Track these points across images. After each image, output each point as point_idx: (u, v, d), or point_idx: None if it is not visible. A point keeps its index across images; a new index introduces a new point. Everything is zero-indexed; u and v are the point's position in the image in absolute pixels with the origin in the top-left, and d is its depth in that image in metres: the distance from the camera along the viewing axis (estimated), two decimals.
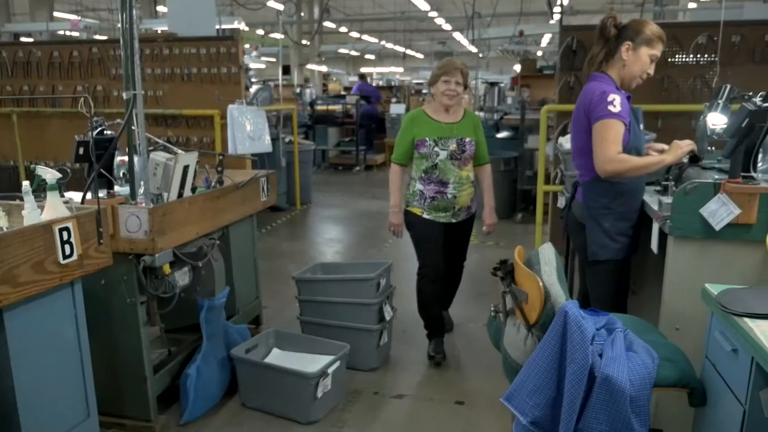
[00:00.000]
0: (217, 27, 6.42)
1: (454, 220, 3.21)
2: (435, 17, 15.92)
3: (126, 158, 2.51)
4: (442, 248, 3.23)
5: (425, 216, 3.19)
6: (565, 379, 1.74)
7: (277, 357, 2.95)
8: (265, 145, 4.05)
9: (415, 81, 20.87)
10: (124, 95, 2.31)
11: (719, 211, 2.11)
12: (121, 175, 2.77)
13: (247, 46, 11.02)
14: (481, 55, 12.99)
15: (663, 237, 2.30)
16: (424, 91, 17.21)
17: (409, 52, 22.97)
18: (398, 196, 3.23)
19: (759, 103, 2.10)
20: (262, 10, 11.32)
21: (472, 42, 10.61)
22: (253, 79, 9.18)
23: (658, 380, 1.79)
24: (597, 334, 1.84)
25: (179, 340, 2.92)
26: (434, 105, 3.22)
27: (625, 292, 2.61)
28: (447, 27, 18.72)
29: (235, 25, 8.58)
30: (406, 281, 3.08)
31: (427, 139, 3.12)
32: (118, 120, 2.48)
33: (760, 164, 2.39)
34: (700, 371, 1.92)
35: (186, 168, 2.53)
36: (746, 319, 1.61)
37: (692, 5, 10.35)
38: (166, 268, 2.48)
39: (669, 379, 1.82)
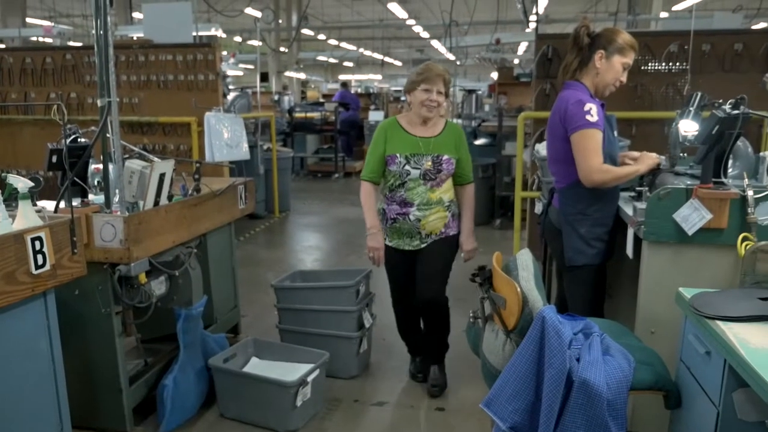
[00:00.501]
0: (194, 34, 6.37)
1: (423, 246, 2.83)
2: (413, 25, 16.03)
3: (100, 166, 2.47)
4: (409, 280, 2.89)
5: (387, 242, 2.85)
6: (544, 383, 1.75)
7: (255, 366, 2.92)
8: (242, 152, 4.04)
9: (393, 88, 20.96)
10: (99, 102, 2.28)
11: (691, 216, 2.15)
12: (96, 183, 2.72)
13: (224, 53, 10.97)
14: (458, 63, 13.10)
15: (638, 242, 2.34)
16: (403, 98, 17.33)
17: (387, 59, 23.07)
18: (374, 215, 2.81)
19: (728, 110, 2.16)
20: (240, 17, 11.27)
21: (450, 50, 10.71)
22: (230, 87, 9.12)
23: (634, 383, 1.82)
24: (574, 339, 1.86)
25: (156, 350, 2.87)
26: (410, 115, 2.83)
27: (601, 297, 2.64)
28: (425, 35, 18.86)
29: (213, 32, 8.53)
30: (385, 288, 3.07)
31: (397, 155, 2.74)
32: (93, 127, 2.45)
33: (730, 170, 2.45)
34: (675, 374, 1.95)
35: (162, 176, 2.51)
36: (719, 322, 1.65)
37: (664, 15, 10.57)
38: (142, 278, 2.45)
39: (645, 382, 1.85)
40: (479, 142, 7.50)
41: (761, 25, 11.57)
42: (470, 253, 2.88)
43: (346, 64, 25.13)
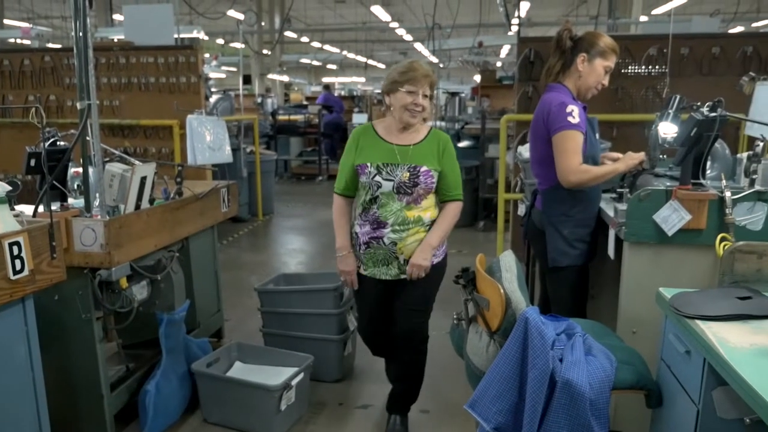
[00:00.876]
0: (176, 36, 6.32)
1: (404, 277, 2.42)
2: (396, 28, 16.05)
3: (80, 170, 2.44)
4: (383, 315, 2.54)
5: (362, 271, 2.49)
6: (527, 384, 1.76)
7: (239, 370, 2.90)
8: (225, 155, 4.01)
9: (377, 91, 20.97)
10: (78, 105, 2.25)
11: (671, 217, 2.18)
12: (76, 187, 2.69)
13: (206, 55, 10.89)
14: (441, 66, 13.15)
15: (619, 243, 2.36)
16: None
17: (370, 62, 23.06)
18: (345, 234, 2.50)
19: (706, 113, 2.19)
20: (222, 20, 11.21)
21: (433, 52, 10.74)
22: (213, 89, 9.06)
23: (616, 383, 1.84)
24: (557, 339, 1.88)
25: (138, 355, 2.84)
26: (388, 121, 2.45)
27: (584, 298, 2.67)
28: (408, 38, 18.90)
29: (195, 34, 8.47)
30: None
31: (368, 164, 2.37)
32: (72, 131, 2.41)
33: (708, 171, 2.49)
34: (656, 373, 1.97)
35: (143, 179, 2.48)
36: (698, 321, 1.67)
37: (643, 18, 10.72)
38: (123, 282, 2.42)
39: (627, 381, 1.87)
40: (463, 144, 7.54)
41: (738, 29, 11.79)
42: (413, 267, 2.37)
43: (330, 66, 25.09)
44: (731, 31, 9.95)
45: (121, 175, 2.42)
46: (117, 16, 10.69)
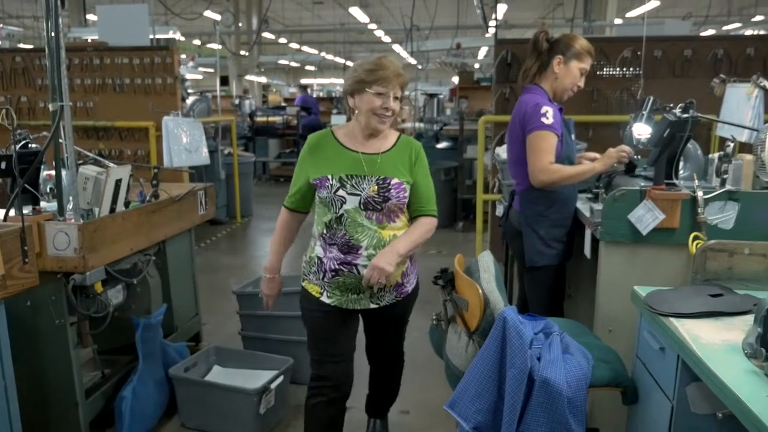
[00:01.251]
0: (151, 37, 6.24)
1: (374, 305, 2.12)
2: (374, 29, 16.06)
3: (53, 173, 2.39)
4: (352, 350, 2.20)
5: (325, 299, 2.10)
6: (506, 383, 1.78)
7: (217, 374, 2.87)
8: (202, 157, 3.97)
9: None
10: (51, 107, 2.21)
11: (645, 217, 2.21)
12: (48, 190, 2.64)
13: (183, 56, 10.77)
14: (420, 67, 13.18)
15: (595, 242, 2.40)
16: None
17: (349, 63, 23.04)
18: (277, 255, 2.23)
19: (678, 114, 2.23)
20: (199, 20, 11.10)
21: (411, 54, 10.78)
22: (189, 90, 8.98)
23: (593, 380, 1.86)
24: (535, 338, 1.89)
25: (113, 361, 2.80)
26: (352, 126, 2.11)
27: (561, 297, 2.70)
28: (386, 39, 18.93)
29: (171, 34, 8.37)
30: None
31: (328, 177, 2.03)
32: (45, 132, 2.37)
33: (681, 172, 2.54)
34: (632, 370, 2.00)
35: (118, 182, 2.44)
36: (672, 319, 1.70)
37: (618, 21, 10.88)
38: (98, 287, 2.38)
39: (603, 379, 1.89)
40: (441, 145, 7.57)
41: (709, 32, 12.04)
42: (374, 270, 1.96)
43: (308, 67, 25.01)
44: (703, 34, 10.17)
45: (95, 177, 2.38)
46: (91, 17, 10.52)
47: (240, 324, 3.24)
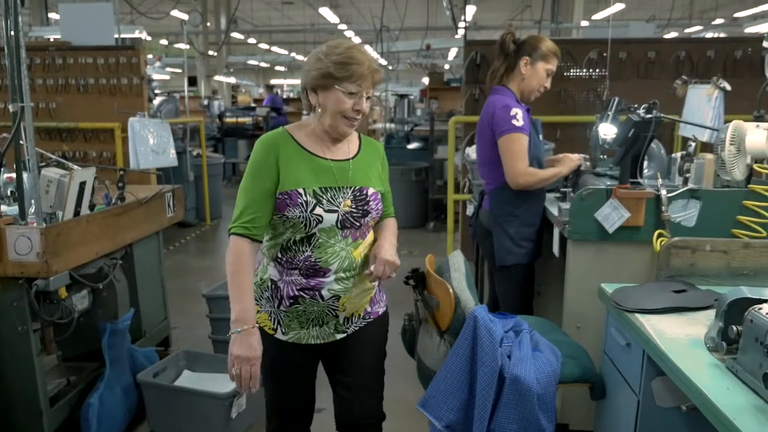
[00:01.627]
0: (116, 36, 6.12)
1: (339, 336, 1.80)
2: (344, 30, 16.04)
3: (14, 175, 2.33)
4: (312, 390, 1.91)
5: (280, 336, 1.76)
6: (477, 381, 1.79)
7: (187, 379, 2.83)
8: (170, 158, 3.90)
9: None
10: (11, 108, 2.15)
11: (612, 215, 2.26)
12: (9, 193, 2.57)
13: (149, 56, 10.59)
14: (390, 68, 13.21)
15: (563, 241, 2.43)
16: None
17: None
18: (249, 297, 1.66)
19: (642, 114, 2.28)
20: (166, 20, 10.93)
21: (382, 55, 10.79)
22: (156, 91, 8.83)
23: (562, 377, 1.89)
24: (505, 337, 1.92)
25: (79, 368, 2.73)
26: (312, 126, 1.74)
27: (531, 295, 2.73)
28: (357, 39, 18.93)
29: (137, 34, 8.22)
30: None
31: (300, 191, 1.65)
32: (5, 134, 2.30)
33: (645, 171, 2.60)
34: (600, 366, 2.04)
35: (83, 184, 2.39)
36: (637, 315, 1.74)
37: (584, 23, 11.08)
38: (62, 292, 2.32)
39: (572, 375, 1.93)
40: (412, 146, 7.61)
41: (672, 35, 12.34)
42: (385, 265, 1.70)
43: (278, 68, 24.84)
44: (666, 36, 10.42)
45: (58, 180, 2.32)
46: (53, 15, 10.26)
47: (210, 327, 3.20)
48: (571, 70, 4.87)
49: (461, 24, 9.01)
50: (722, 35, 11.79)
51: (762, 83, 2.73)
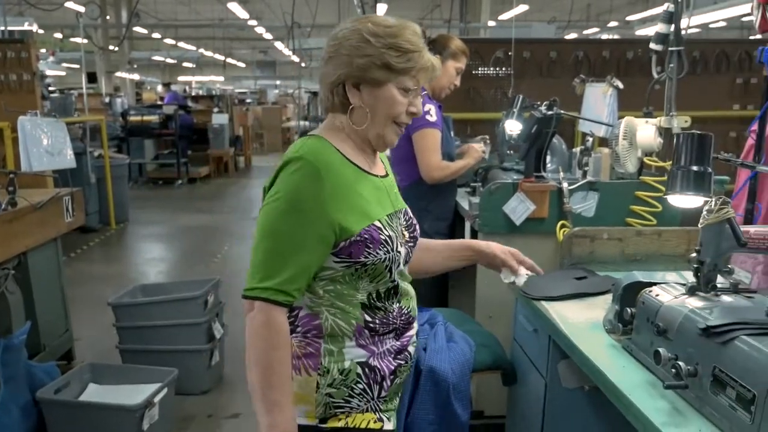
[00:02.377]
0: (3, 29, 5.66)
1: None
2: (255, 26, 15.69)
3: None
4: None
5: (389, 426, 1.38)
6: None
7: (94, 393, 2.67)
8: (67, 160, 3.65)
9: (237, 90, 20.38)
10: None
11: (518, 208, 2.36)
12: None
13: (42, 50, 9.89)
14: (303, 65, 13.09)
15: (474, 234, 2.51)
16: (248, 100, 16.76)
17: (229, 60, 22.37)
18: (290, 391, 1.25)
19: (544, 111, 2.40)
20: (60, 11, 10.23)
21: (294, 52, 10.67)
22: (51, 88, 8.26)
23: (475, 365, 1.93)
24: (421, 330, 1.94)
25: None
26: (347, 134, 1.32)
27: (445, 288, 2.80)
28: (268, 36, 18.58)
29: (26, 26, 7.65)
30: (236, 297, 2.97)
31: (379, 223, 1.27)
32: None
33: (549, 165, 2.73)
34: (510, 352, 2.13)
35: None
36: (543, 302, 1.83)
37: (491, 23, 11.48)
38: None
39: (485, 363, 1.99)
40: None
41: (571, 36, 13.05)
42: (515, 254, 1.62)
43: (186, 65, 23.93)
44: (567, 37, 11.00)
45: None
46: None
47: (118, 337, 3.04)
48: (479, 69, 5.03)
49: None
50: (616, 37, 12.59)
51: (650, 82, 2.94)
